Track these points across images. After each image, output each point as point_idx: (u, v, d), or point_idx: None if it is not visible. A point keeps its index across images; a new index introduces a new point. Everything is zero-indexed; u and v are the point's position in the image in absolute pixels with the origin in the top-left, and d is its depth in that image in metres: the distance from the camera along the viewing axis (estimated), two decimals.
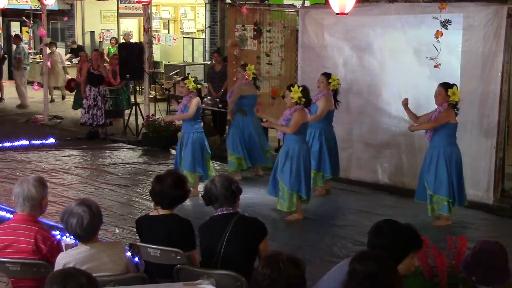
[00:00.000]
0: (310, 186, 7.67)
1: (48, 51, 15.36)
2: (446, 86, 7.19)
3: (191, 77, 8.81)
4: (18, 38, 17.07)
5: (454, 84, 7.26)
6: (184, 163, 8.34)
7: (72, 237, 3.96)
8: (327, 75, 8.35)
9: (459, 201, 7.40)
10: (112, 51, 17.02)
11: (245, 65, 9.42)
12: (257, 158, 9.36)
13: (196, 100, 8.30)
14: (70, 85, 15.59)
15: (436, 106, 7.33)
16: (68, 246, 4.11)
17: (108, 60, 15.16)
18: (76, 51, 19.24)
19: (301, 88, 7.31)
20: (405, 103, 7.69)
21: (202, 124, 8.71)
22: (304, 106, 7.37)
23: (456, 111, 7.25)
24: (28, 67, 16.74)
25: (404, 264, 3.44)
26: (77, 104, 14.05)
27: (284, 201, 7.44)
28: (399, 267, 3.41)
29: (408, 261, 3.45)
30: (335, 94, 8.38)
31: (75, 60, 19.10)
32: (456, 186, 7.30)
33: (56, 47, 17.35)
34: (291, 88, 7.35)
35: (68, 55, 19.39)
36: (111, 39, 18.57)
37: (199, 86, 8.54)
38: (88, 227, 3.79)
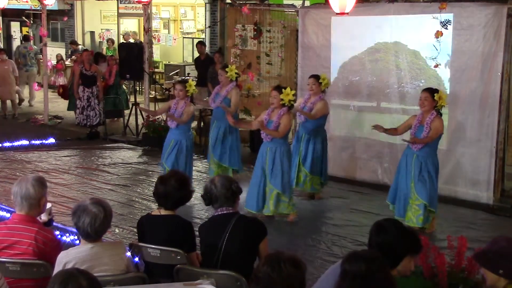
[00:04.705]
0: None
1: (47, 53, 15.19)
2: (431, 91, 6.97)
3: (192, 79, 8.77)
4: (27, 39, 17.18)
5: (436, 89, 7.09)
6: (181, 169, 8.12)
7: (77, 236, 3.97)
8: (316, 77, 8.21)
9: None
10: (109, 53, 17.01)
11: (225, 66, 9.13)
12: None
13: (193, 108, 8.31)
14: (60, 91, 15.27)
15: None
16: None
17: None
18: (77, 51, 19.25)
19: (293, 92, 7.27)
20: (381, 130, 7.37)
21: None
22: (289, 109, 7.30)
23: (440, 115, 7.03)
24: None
25: (401, 266, 3.43)
26: (71, 106, 13.97)
27: (279, 204, 7.37)
28: (397, 269, 3.41)
29: (406, 263, 3.44)
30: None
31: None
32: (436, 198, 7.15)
33: (7, 55, 15.37)
34: (283, 89, 7.26)
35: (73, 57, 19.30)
36: (107, 41, 18.52)
37: (196, 91, 8.56)
38: (99, 227, 3.79)
